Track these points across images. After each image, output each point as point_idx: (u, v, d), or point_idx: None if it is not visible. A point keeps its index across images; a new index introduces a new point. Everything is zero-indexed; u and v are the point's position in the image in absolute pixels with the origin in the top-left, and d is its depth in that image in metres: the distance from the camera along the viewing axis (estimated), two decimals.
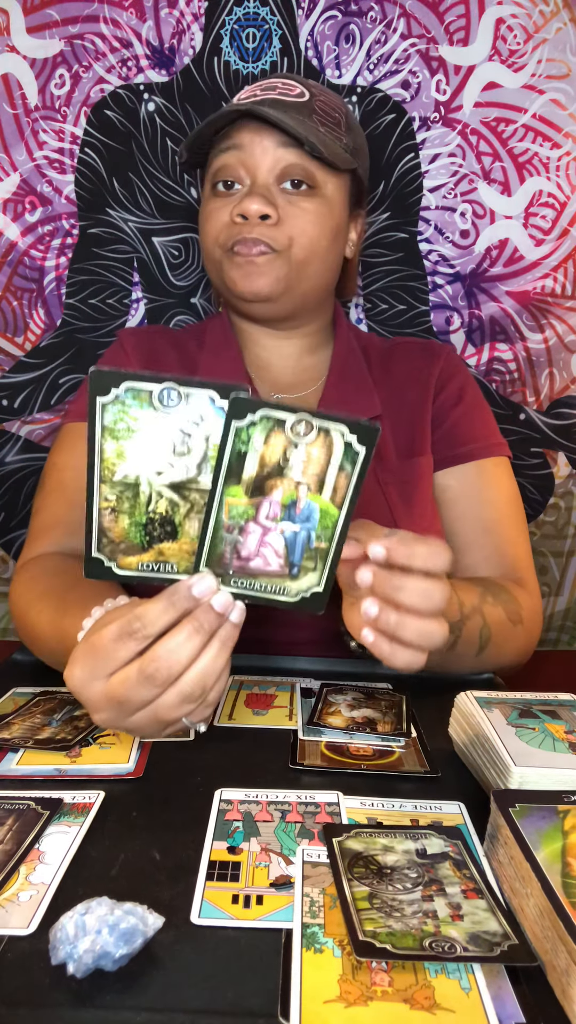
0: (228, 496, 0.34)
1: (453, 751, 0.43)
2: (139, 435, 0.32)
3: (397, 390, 0.65)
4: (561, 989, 0.25)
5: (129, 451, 0.33)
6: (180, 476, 0.33)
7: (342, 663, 0.57)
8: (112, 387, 0.32)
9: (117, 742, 0.43)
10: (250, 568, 0.35)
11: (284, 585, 0.35)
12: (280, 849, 0.34)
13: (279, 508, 0.34)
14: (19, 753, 0.41)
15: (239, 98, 0.60)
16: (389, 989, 0.25)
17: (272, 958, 0.27)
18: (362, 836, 0.33)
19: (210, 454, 0.33)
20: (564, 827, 0.30)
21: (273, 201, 0.57)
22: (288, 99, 0.58)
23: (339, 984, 0.26)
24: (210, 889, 0.31)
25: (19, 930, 0.28)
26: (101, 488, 0.33)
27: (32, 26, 0.78)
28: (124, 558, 0.34)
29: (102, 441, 0.32)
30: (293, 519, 0.34)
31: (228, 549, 0.34)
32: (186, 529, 0.34)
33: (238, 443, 0.33)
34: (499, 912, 0.29)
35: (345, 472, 0.33)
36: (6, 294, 0.84)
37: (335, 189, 0.60)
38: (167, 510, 0.34)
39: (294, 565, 0.35)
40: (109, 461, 0.33)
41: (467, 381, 0.67)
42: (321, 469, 0.34)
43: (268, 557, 0.35)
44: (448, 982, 0.26)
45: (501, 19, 0.79)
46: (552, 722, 0.40)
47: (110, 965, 0.26)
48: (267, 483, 0.34)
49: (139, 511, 0.34)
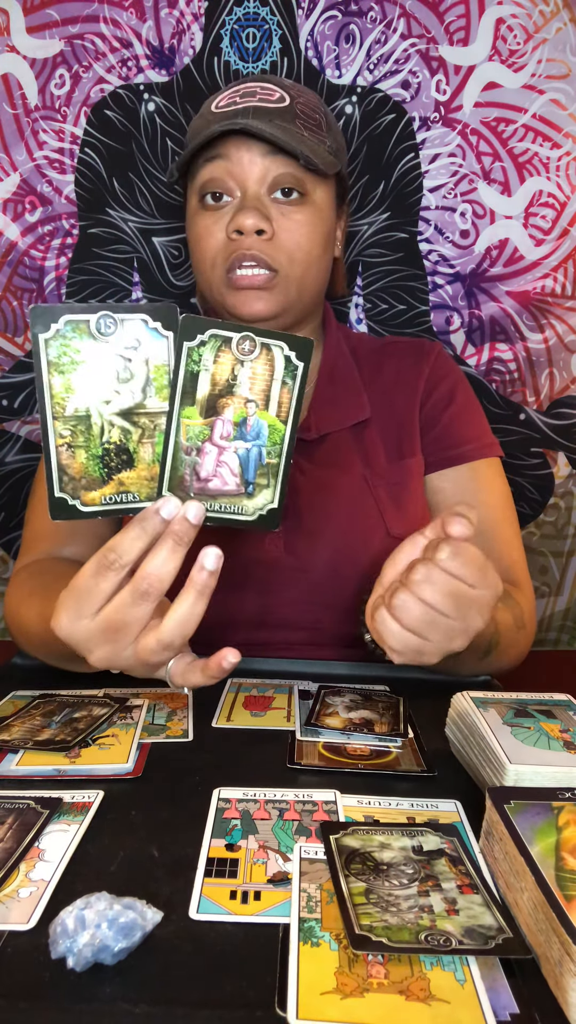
0: (184, 417, 0.34)
1: (449, 751, 0.44)
2: (83, 367, 0.33)
3: (387, 392, 0.65)
4: (555, 980, 0.26)
5: (76, 383, 0.33)
6: (128, 403, 0.34)
7: (340, 666, 0.57)
8: (52, 322, 0.32)
9: (116, 743, 0.43)
10: (209, 489, 0.36)
11: (242, 504, 0.36)
12: (278, 846, 0.34)
13: (232, 427, 0.35)
14: (19, 754, 0.42)
15: (217, 104, 0.58)
16: (385, 981, 0.26)
17: (270, 952, 0.28)
18: (359, 833, 0.34)
19: (152, 377, 0.34)
20: (558, 823, 0.31)
21: (267, 214, 0.56)
22: (270, 105, 0.56)
23: (336, 976, 0.26)
24: (208, 885, 0.31)
25: (19, 925, 0.29)
26: (55, 425, 0.33)
27: (32, 26, 0.78)
28: (86, 494, 0.35)
29: (49, 377, 0.33)
30: (245, 437, 0.36)
31: (188, 471, 0.35)
32: (141, 456, 0.35)
33: (190, 364, 0.34)
34: (494, 906, 0.29)
35: (287, 387, 0.35)
36: (6, 294, 0.84)
37: (323, 194, 0.60)
38: (120, 438, 0.34)
39: (249, 483, 0.36)
40: (59, 396, 0.33)
41: (458, 381, 0.67)
42: (266, 385, 0.35)
43: (225, 476, 0.36)
44: (443, 974, 0.26)
45: (501, 19, 0.79)
46: (547, 721, 0.40)
47: (109, 959, 0.26)
48: (219, 402, 0.35)
49: (94, 443, 0.34)
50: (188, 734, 0.45)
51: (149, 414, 0.34)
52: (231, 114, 0.56)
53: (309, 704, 0.49)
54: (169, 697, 0.50)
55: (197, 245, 0.59)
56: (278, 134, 0.54)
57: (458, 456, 0.63)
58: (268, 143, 0.55)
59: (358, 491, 0.61)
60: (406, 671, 0.55)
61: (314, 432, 0.62)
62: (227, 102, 0.58)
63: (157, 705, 0.49)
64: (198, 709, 0.49)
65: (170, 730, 0.46)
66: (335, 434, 0.62)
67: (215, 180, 0.57)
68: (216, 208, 0.58)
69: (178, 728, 0.46)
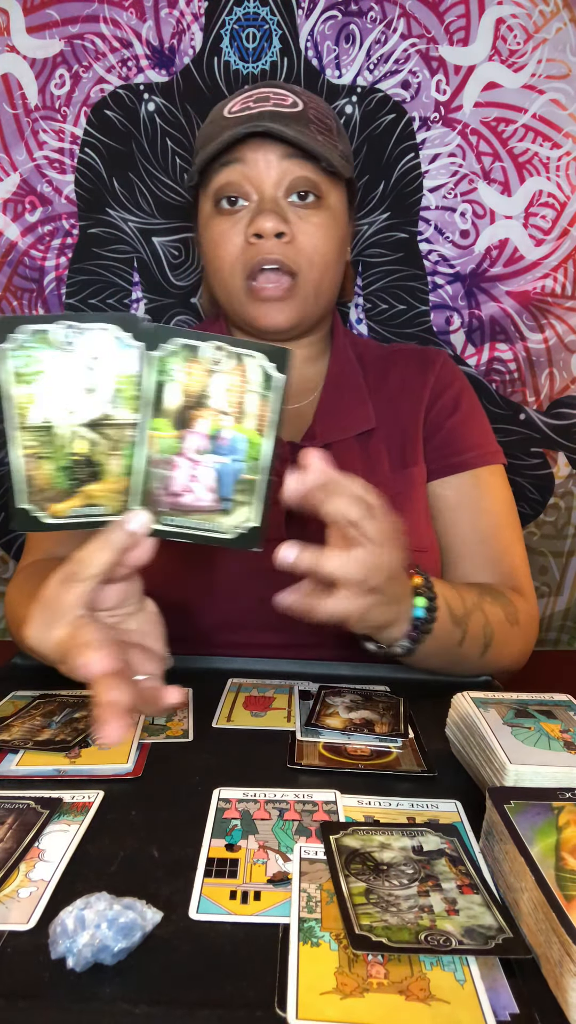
0: (152, 429, 0.33)
1: (450, 751, 0.44)
2: (46, 376, 0.33)
3: (392, 400, 0.65)
4: (555, 980, 0.26)
5: (39, 394, 0.33)
6: (94, 414, 0.33)
7: (341, 666, 0.57)
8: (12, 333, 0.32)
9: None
10: (182, 504, 0.35)
11: (218, 521, 0.35)
12: (278, 846, 0.34)
13: (206, 440, 0.34)
14: (19, 754, 0.42)
15: (231, 110, 0.59)
16: (385, 981, 0.26)
17: (269, 952, 0.28)
18: (359, 833, 0.34)
19: (119, 388, 0.33)
20: (558, 823, 0.31)
21: (286, 217, 0.57)
22: (284, 110, 0.57)
23: (335, 976, 0.26)
24: (208, 885, 0.31)
25: (19, 925, 0.29)
26: (19, 435, 0.33)
27: (32, 26, 0.78)
28: (53, 506, 0.34)
29: (12, 387, 0.33)
30: (220, 451, 0.34)
31: (158, 485, 0.34)
32: (110, 468, 0.34)
33: (156, 374, 0.33)
34: (494, 906, 0.29)
35: (267, 399, 0.34)
36: (6, 294, 0.84)
37: (337, 198, 0.60)
38: (87, 450, 0.34)
39: (226, 499, 0.35)
40: (21, 406, 0.33)
41: (463, 389, 0.67)
42: (242, 397, 0.34)
43: (199, 492, 0.34)
44: (443, 974, 0.26)
45: (501, 19, 0.79)
46: (548, 721, 0.40)
47: (109, 959, 0.26)
48: (191, 414, 0.34)
49: (59, 454, 0.34)
50: (188, 734, 0.45)
51: (117, 426, 0.34)
52: (247, 118, 0.56)
53: (309, 704, 0.49)
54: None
55: (214, 251, 0.59)
56: (300, 137, 0.55)
57: (461, 463, 0.63)
58: (291, 145, 0.56)
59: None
60: (407, 672, 0.56)
61: (319, 441, 0.61)
62: (241, 107, 0.58)
63: None
64: (198, 709, 0.49)
65: (170, 730, 0.46)
66: (339, 443, 0.62)
67: (232, 184, 0.57)
68: (232, 212, 0.58)
69: (178, 728, 0.46)
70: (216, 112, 0.61)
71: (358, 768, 0.41)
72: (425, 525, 0.62)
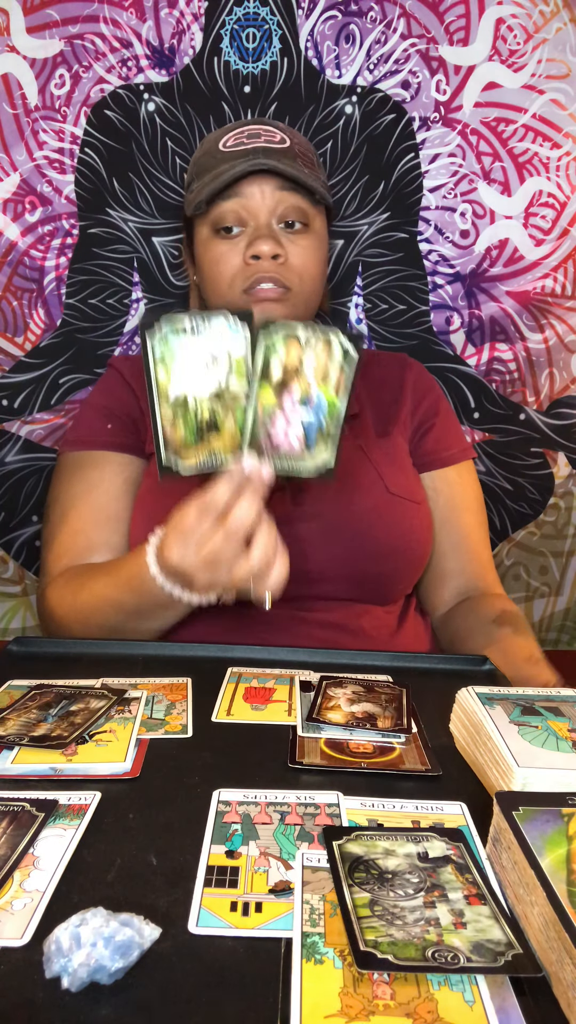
0: (258, 394, 0.45)
1: (454, 747, 0.43)
2: (180, 359, 0.44)
3: (373, 390, 0.73)
4: (567, 1003, 0.25)
5: (175, 373, 0.44)
6: (215, 387, 0.45)
7: (341, 654, 0.57)
8: (156, 324, 0.43)
9: (114, 739, 0.42)
10: (280, 450, 0.46)
11: (305, 462, 0.47)
12: (279, 853, 0.33)
13: (298, 402, 0.45)
14: (14, 751, 0.41)
15: (224, 144, 0.65)
16: (391, 1003, 0.25)
17: (272, 969, 0.27)
18: (363, 839, 0.33)
19: (234, 365, 0.44)
20: (568, 832, 0.30)
21: (280, 242, 0.64)
22: (275, 146, 0.64)
23: (340, 998, 0.25)
24: (208, 896, 0.30)
25: (13, 940, 0.28)
26: (161, 406, 0.44)
27: (32, 26, 0.78)
28: (185, 460, 0.46)
29: (156, 370, 0.44)
30: (308, 410, 0.45)
31: (264, 436, 0.46)
32: (227, 426, 0.45)
33: (268, 353, 0.44)
34: (502, 919, 0.28)
35: (344, 372, 0.45)
36: (6, 294, 0.83)
37: (320, 223, 0.68)
38: (210, 414, 0.45)
39: (311, 446, 0.46)
40: (163, 385, 0.44)
41: (440, 394, 0.77)
42: (326, 370, 0.45)
43: (292, 441, 0.46)
44: (451, 994, 0.25)
45: (501, 19, 0.79)
46: (555, 719, 0.39)
47: (106, 979, 0.25)
48: (287, 382, 0.45)
49: (190, 419, 0.45)
50: (187, 730, 0.44)
51: (232, 394, 0.45)
52: (243, 153, 0.63)
53: (310, 696, 0.48)
54: (168, 689, 0.50)
55: (214, 268, 0.66)
56: (295, 172, 0.63)
57: (449, 458, 0.72)
58: (288, 180, 0.63)
59: (354, 458, 0.66)
60: (409, 661, 0.56)
61: None
62: (235, 142, 0.65)
63: (156, 697, 0.48)
64: (197, 700, 0.48)
65: (169, 725, 0.44)
66: None
67: (232, 214, 0.65)
68: (230, 238, 0.65)
69: (177, 723, 0.45)
70: (210, 144, 0.67)
71: (361, 767, 0.40)
72: (415, 482, 0.69)
